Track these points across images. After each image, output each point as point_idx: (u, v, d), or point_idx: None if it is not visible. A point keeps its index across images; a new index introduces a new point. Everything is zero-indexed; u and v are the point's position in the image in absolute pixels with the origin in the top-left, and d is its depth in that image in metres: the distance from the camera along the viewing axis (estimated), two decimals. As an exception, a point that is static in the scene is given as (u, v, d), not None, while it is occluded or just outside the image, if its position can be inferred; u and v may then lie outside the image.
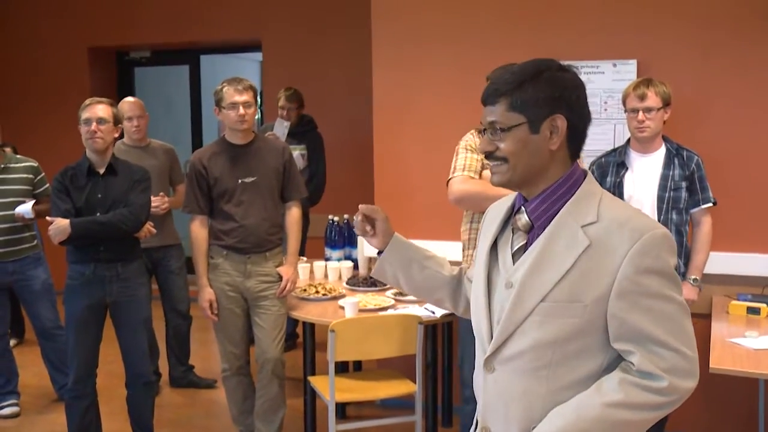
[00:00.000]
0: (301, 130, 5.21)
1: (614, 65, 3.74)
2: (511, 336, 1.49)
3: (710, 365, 2.63)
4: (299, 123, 5.21)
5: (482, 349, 1.56)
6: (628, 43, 3.72)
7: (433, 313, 3.45)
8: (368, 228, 1.77)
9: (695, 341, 1.45)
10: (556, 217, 1.47)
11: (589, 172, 1.54)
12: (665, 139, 3.27)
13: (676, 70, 3.64)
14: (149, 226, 3.63)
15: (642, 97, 3.13)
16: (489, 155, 1.52)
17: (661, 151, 3.25)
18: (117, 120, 3.42)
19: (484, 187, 2.95)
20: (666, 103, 3.18)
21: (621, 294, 1.40)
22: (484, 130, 1.53)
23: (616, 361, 1.46)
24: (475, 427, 1.63)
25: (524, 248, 1.51)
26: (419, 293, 1.86)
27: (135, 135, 4.34)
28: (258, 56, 6.92)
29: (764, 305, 3.21)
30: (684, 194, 3.20)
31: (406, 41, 4.10)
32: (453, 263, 1.90)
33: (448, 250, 3.80)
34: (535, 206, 1.50)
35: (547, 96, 1.46)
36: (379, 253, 1.80)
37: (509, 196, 1.64)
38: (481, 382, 1.58)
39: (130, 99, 4.46)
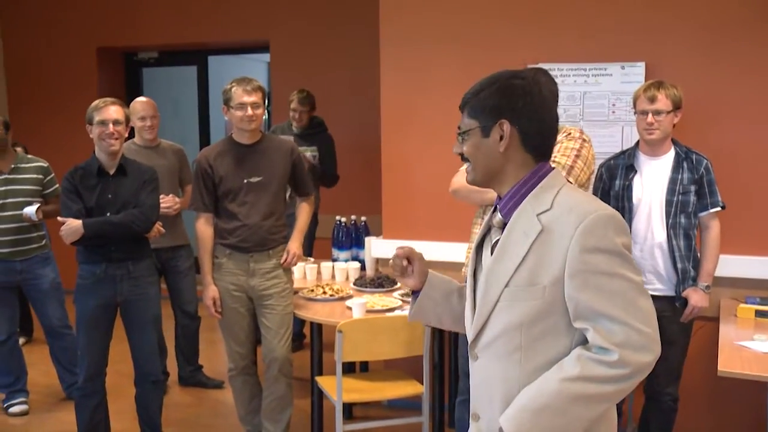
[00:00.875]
0: (312, 131, 5.22)
1: (622, 67, 3.74)
2: (486, 323, 1.62)
3: (718, 368, 2.63)
4: (310, 125, 5.22)
5: (469, 341, 1.70)
6: (636, 45, 3.72)
7: (441, 314, 3.45)
8: (408, 268, 1.80)
9: (653, 317, 1.52)
10: (516, 210, 1.60)
11: (557, 169, 1.65)
12: (674, 142, 3.27)
13: (684, 72, 3.63)
14: (158, 226, 3.64)
15: (652, 100, 3.13)
16: (461, 157, 1.67)
17: (670, 155, 3.24)
18: (127, 120, 3.44)
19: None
20: (676, 107, 3.18)
21: (572, 274, 1.50)
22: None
23: (583, 342, 1.55)
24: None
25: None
26: (460, 323, 1.81)
27: (147, 135, 4.33)
28: (266, 57, 6.94)
29: (771, 308, 3.21)
30: (693, 198, 3.19)
31: (413, 42, 4.11)
32: (462, 265, 1.94)
33: (455, 252, 3.83)
34: (504, 203, 1.63)
35: (494, 104, 1.60)
36: (414, 293, 1.84)
37: None
38: (469, 371, 1.72)
39: (142, 99, 4.46)
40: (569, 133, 2.94)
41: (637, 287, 1.51)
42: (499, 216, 1.65)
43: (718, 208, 3.20)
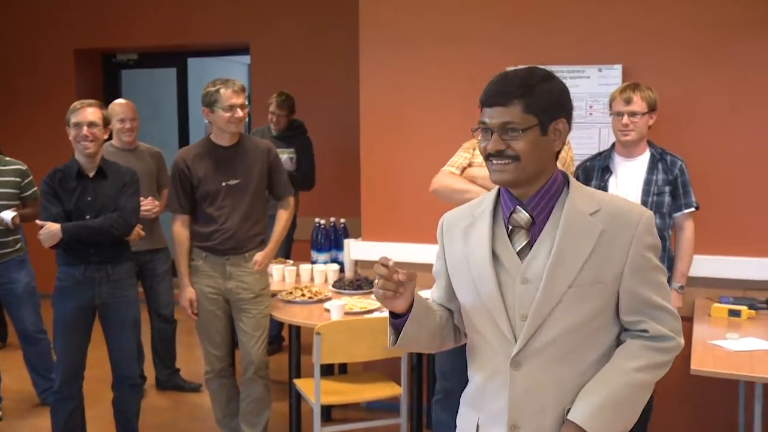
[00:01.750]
0: (291, 134, 5.22)
1: (599, 70, 3.77)
2: (540, 327, 1.57)
3: (691, 367, 2.65)
4: (289, 127, 5.22)
5: (502, 350, 1.61)
6: (613, 48, 3.75)
7: (419, 315, 3.46)
8: (399, 289, 1.60)
9: None
10: (564, 210, 1.58)
11: (563, 169, 1.66)
12: (650, 143, 3.30)
13: (660, 75, 3.67)
14: (138, 229, 3.62)
15: (628, 101, 3.17)
16: (497, 154, 1.56)
17: (645, 156, 3.27)
18: (106, 122, 3.41)
19: (453, 181, 3.16)
20: (651, 109, 3.21)
21: (633, 271, 1.57)
22: (482, 131, 1.60)
23: (619, 333, 1.64)
24: (475, 430, 1.68)
25: (529, 245, 1.60)
26: (440, 342, 1.76)
27: (126, 137, 4.29)
28: (246, 59, 6.92)
29: (745, 308, 3.24)
30: (667, 199, 3.23)
31: (393, 46, 4.12)
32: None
33: (434, 254, 3.84)
34: (536, 203, 1.60)
35: (554, 101, 1.58)
36: (394, 316, 1.67)
37: (468, 206, 1.72)
38: (501, 383, 1.62)
39: (121, 101, 4.42)
40: None
41: (665, 275, 1.67)
42: (526, 216, 1.60)
43: (693, 209, 3.24)
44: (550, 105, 1.57)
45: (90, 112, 3.32)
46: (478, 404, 1.70)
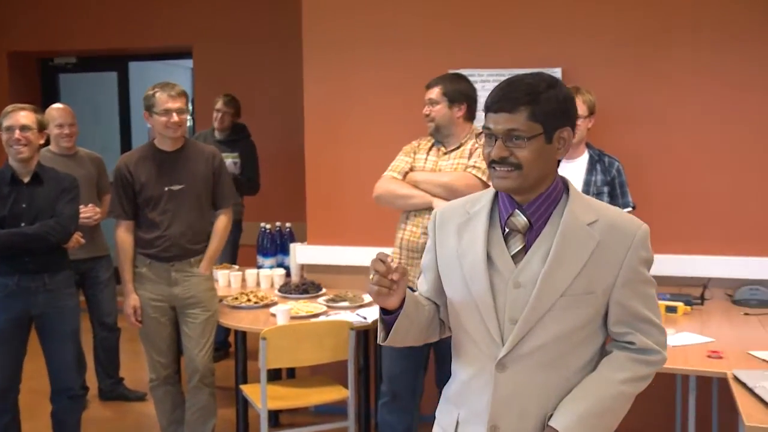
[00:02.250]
0: (235, 138, 5.18)
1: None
2: (529, 333, 1.57)
3: (630, 363, 2.72)
4: (233, 131, 5.18)
5: (489, 352, 1.62)
6: (553, 51, 3.83)
7: (365, 318, 3.48)
8: (393, 287, 1.57)
9: None
10: (563, 218, 1.58)
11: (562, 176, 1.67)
12: (588, 145, 3.39)
13: (597, 77, 3.77)
14: (78, 236, 3.54)
15: None
16: (500, 161, 1.55)
17: (584, 157, 3.36)
18: (42, 126, 3.33)
19: (396, 186, 3.16)
20: (591, 112, 3.29)
21: (624, 283, 1.59)
22: (486, 136, 1.59)
23: (604, 342, 1.67)
24: (455, 427, 1.69)
25: (524, 249, 1.60)
26: (425, 335, 1.76)
27: (65, 143, 4.21)
28: (189, 63, 6.84)
29: (681, 304, 3.34)
30: (606, 199, 3.31)
31: (336, 49, 4.13)
32: None
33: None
34: (535, 208, 1.60)
35: (560, 109, 1.57)
36: (385, 312, 1.65)
37: (461, 202, 1.71)
38: (485, 383, 1.63)
39: (59, 105, 4.32)
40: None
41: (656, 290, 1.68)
42: (524, 220, 1.60)
43: (630, 208, 3.33)
44: (556, 113, 1.56)
45: (23, 116, 3.24)
46: (459, 400, 1.71)
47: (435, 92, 3.14)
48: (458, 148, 3.16)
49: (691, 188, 3.72)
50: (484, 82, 3.87)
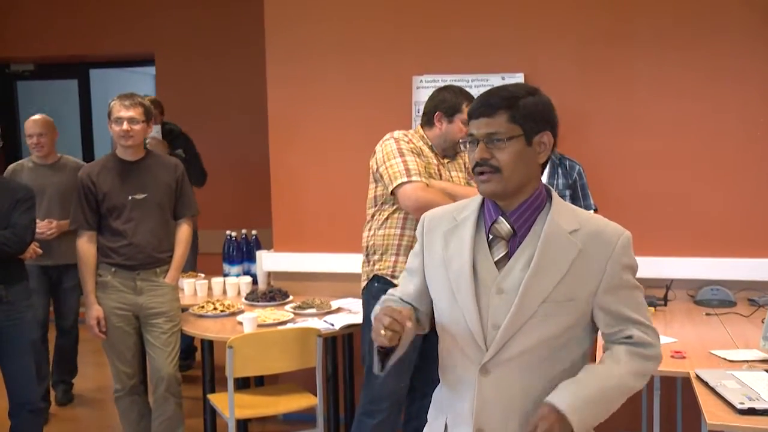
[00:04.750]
0: (170, 138, 5.03)
1: (503, 78, 3.88)
2: (512, 338, 1.60)
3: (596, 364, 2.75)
4: (164, 132, 5.03)
5: (473, 356, 1.64)
6: (515, 57, 3.87)
7: (333, 325, 3.47)
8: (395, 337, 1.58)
9: None
10: (545, 226, 1.62)
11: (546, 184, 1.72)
12: (550, 149, 3.42)
13: (559, 82, 3.81)
14: (34, 247, 3.48)
15: None
16: (481, 163, 1.61)
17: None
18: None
19: (443, 199, 2.86)
20: None
21: (607, 289, 1.62)
22: (470, 142, 1.64)
23: (590, 347, 1.69)
24: (444, 430, 1.72)
25: (507, 256, 1.63)
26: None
27: (36, 152, 4.32)
28: (152, 70, 6.77)
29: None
30: (567, 202, 3.35)
31: (299, 57, 4.12)
32: (353, 275, 1.85)
33: (346, 263, 3.86)
34: (518, 215, 1.63)
35: (539, 113, 1.63)
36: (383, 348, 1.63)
37: (449, 209, 1.77)
38: (468, 386, 1.66)
39: (35, 117, 4.39)
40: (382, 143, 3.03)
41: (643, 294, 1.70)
42: (507, 227, 1.63)
43: (591, 211, 3.38)
44: (535, 117, 1.62)
45: None
46: (446, 405, 1.74)
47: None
48: (453, 158, 3.16)
49: (653, 190, 3.78)
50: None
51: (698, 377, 2.46)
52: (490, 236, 1.65)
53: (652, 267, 3.71)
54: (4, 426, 3.41)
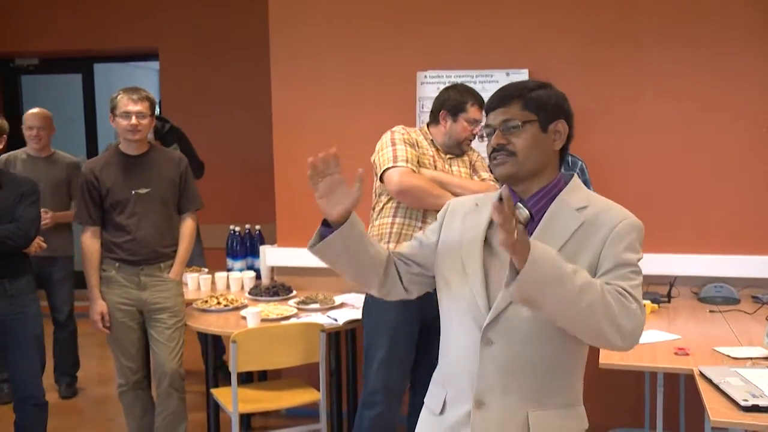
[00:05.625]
0: (162, 133, 4.99)
1: (507, 74, 3.88)
2: (512, 304, 1.61)
3: (600, 361, 2.75)
4: (156, 130, 5.00)
5: (476, 322, 1.66)
6: (520, 53, 3.86)
7: (336, 320, 3.47)
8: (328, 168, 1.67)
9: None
10: (554, 202, 1.67)
11: (575, 174, 1.77)
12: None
13: (564, 79, 3.77)
14: (39, 241, 3.49)
15: None
16: (498, 149, 1.67)
17: None
18: (3, 131, 3.28)
19: (428, 185, 2.95)
20: None
21: (605, 264, 1.61)
22: (488, 134, 1.70)
23: None
24: (442, 406, 1.73)
25: None
26: (359, 274, 1.79)
27: (33, 144, 4.40)
28: (156, 65, 6.77)
29: (648, 302, 3.38)
30: None
31: (303, 53, 4.12)
32: None
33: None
34: (535, 202, 1.69)
35: (553, 102, 1.70)
36: (326, 226, 1.70)
37: (474, 197, 1.83)
38: (469, 359, 1.67)
39: (34, 110, 4.50)
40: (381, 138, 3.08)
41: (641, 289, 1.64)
42: (526, 212, 1.67)
43: None
44: (547, 106, 1.68)
45: None
46: (447, 381, 1.76)
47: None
48: (459, 156, 3.16)
49: (657, 187, 3.77)
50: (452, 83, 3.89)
51: (702, 374, 2.46)
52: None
53: (655, 264, 3.70)
54: (9, 419, 3.43)
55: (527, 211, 1.67)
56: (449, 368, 1.76)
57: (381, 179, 3.01)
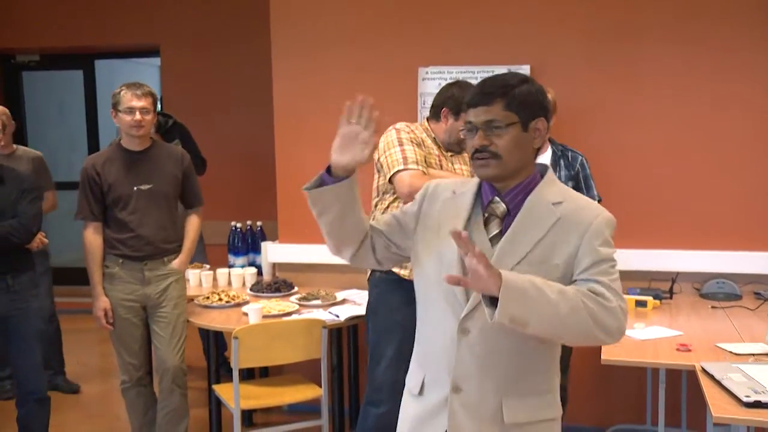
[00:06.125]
0: (168, 128, 4.98)
1: (509, 70, 3.85)
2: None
3: (602, 357, 2.75)
4: (159, 125, 4.98)
5: (453, 314, 1.70)
6: (522, 49, 3.85)
7: (338, 316, 3.47)
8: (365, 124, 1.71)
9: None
10: (530, 196, 1.70)
11: (549, 167, 1.80)
12: (551, 141, 3.40)
13: (565, 74, 3.80)
14: (41, 237, 3.49)
15: None
16: (481, 150, 1.68)
17: (548, 154, 3.37)
18: (4, 127, 3.28)
19: None
20: (553, 112, 3.30)
21: (582, 261, 1.65)
22: (468, 131, 1.71)
23: None
24: (420, 387, 1.79)
25: (500, 234, 1.70)
26: (340, 234, 1.82)
27: None
28: (157, 62, 6.76)
29: (650, 298, 3.38)
30: None
31: (304, 49, 4.10)
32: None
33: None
34: (512, 196, 1.71)
35: (534, 101, 1.70)
36: (329, 172, 1.74)
37: (451, 182, 1.84)
38: (447, 347, 1.71)
39: None
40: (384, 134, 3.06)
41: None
42: (503, 206, 1.71)
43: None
44: (529, 104, 1.69)
45: None
46: (425, 363, 1.81)
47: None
48: (459, 153, 3.16)
49: (659, 183, 3.77)
50: (454, 80, 3.88)
51: (704, 370, 2.46)
52: (486, 215, 1.73)
53: (657, 260, 3.71)
54: (12, 414, 3.43)
55: (504, 205, 1.71)
56: (426, 352, 1.81)
57: (390, 181, 2.99)
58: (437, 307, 1.75)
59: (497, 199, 1.72)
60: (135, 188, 3.34)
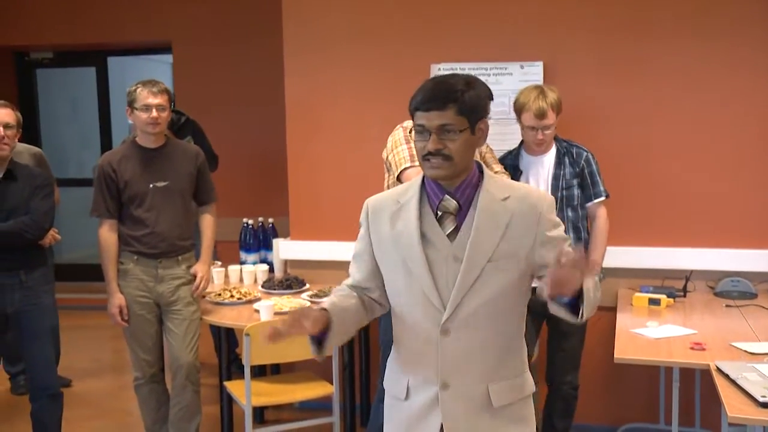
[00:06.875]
0: (181, 125, 4.98)
1: (521, 67, 3.85)
2: (464, 297, 1.77)
3: (615, 355, 2.74)
4: (172, 122, 4.97)
5: (432, 319, 1.80)
6: (535, 45, 3.83)
7: (350, 313, 3.46)
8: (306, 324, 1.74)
9: None
10: (480, 197, 1.80)
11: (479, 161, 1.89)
12: (555, 138, 3.37)
13: (578, 72, 3.78)
14: (54, 233, 3.50)
15: (541, 116, 3.18)
16: (434, 153, 1.74)
17: (552, 152, 3.34)
18: (20, 124, 3.30)
19: None
20: (559, 112, 3.28)
21: (542, 243, 1.79)
22: (418, 132, 1.77)
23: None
24: (406, 392, 1.86)
25: (456, 229, 1.80)
26: (356, 327, 1.92)
27: None
28: (169, 58, 6.78)
29: (664, 296, 3.36)
30: (576, 191, 3.31)
31: (317, 46, 4.10)
32: None
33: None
34: (461, 193, 1.81)
35: (480, 104, 1.78)
36: (319, 336, 1.79)
37: (391, 195, 1.90)
38: (430, 349, 1.81)
39: None
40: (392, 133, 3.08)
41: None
42: (454, 203, 1.80)
43: (602, 198, 3.33)
44: (477, 108, 1.77)
45: (5, 113, 3.21)
46: (408, 368, 1.89)
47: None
48: None
49: (672, 181, 3.74)
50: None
51: (719, 369, 2.44)
52: (439, 213, 1.81)
53: (671, 258, 3.69)
54: (26, 409, 3.45)
55: (455, 202, 1.80)
56: (407, 356, 1.89)
57: (399, 179, 3.02)
58: (414, 314, 1.82)
59: (447, 197, 1.80)
60: (151, 185, 3.35)
